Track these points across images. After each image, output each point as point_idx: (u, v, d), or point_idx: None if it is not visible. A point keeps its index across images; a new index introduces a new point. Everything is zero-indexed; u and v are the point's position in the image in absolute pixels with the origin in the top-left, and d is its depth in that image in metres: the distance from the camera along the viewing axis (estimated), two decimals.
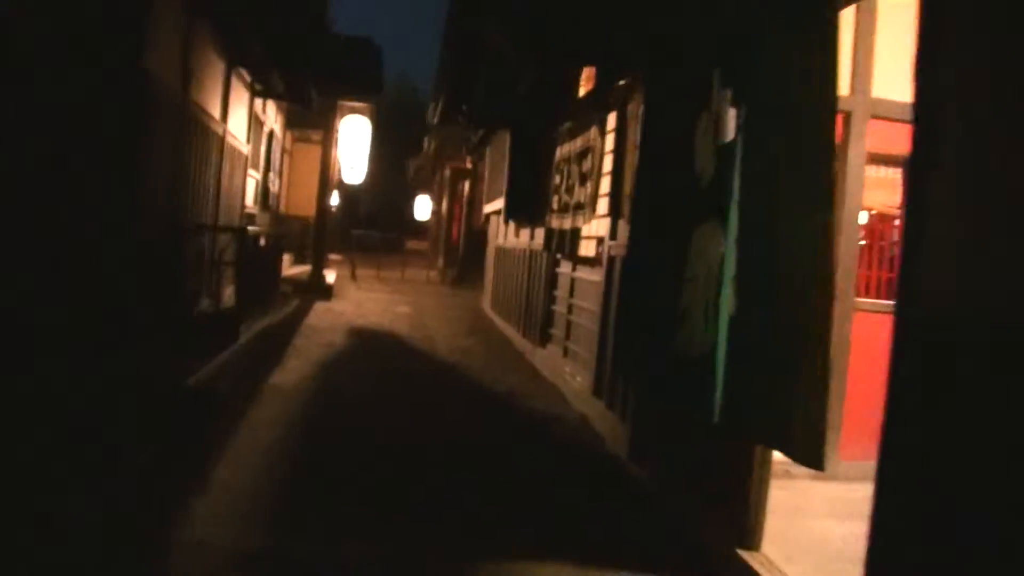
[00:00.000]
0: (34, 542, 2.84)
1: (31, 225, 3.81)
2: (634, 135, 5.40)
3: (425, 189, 26.69)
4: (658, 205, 4.02)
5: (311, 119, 15.10)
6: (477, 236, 17.74)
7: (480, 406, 6.22)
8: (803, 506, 4.04)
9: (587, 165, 6.23)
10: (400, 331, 9.78)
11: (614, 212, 5.66)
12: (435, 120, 13.33)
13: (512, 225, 10.54)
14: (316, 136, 16.12)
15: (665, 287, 3.65)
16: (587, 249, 6.39)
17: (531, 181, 8.67)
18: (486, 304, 12.71)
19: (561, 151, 7.30)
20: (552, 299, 7.75)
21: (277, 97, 12.16)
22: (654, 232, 4.02)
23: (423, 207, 26.62)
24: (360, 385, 6.47)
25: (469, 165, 18.66)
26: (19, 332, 3.61)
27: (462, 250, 18.82)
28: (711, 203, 3.29)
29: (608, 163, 5.90)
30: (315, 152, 16.16)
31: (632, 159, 5.44)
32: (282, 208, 17.94)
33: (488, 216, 11.62)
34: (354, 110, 13.48)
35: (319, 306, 11.54)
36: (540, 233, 8.30)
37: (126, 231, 4.92)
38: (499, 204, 9.72)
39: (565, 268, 7.25)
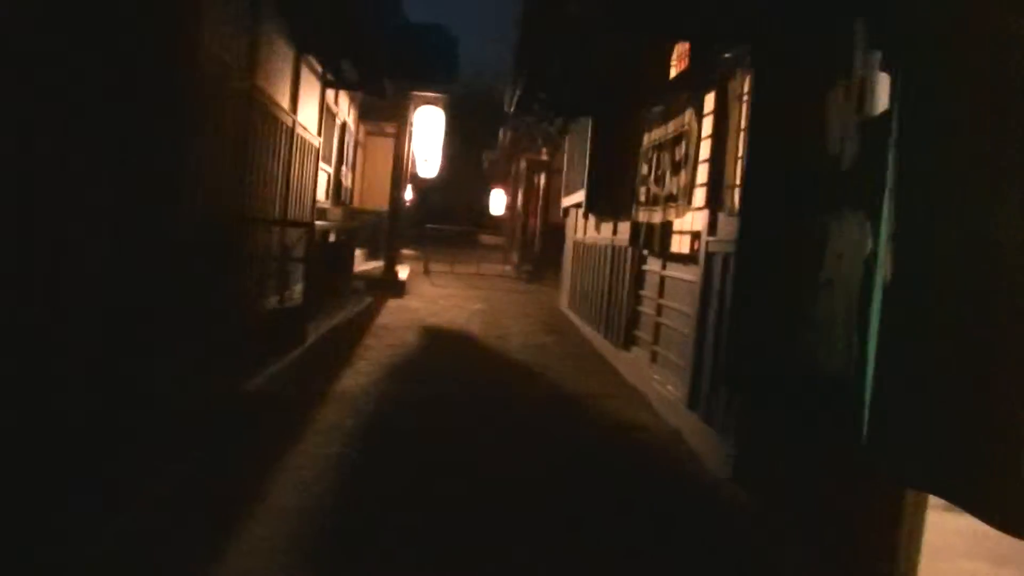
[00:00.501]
0: None
1: (70, 213, 3.45)
2: (738, 117, 4.80)
3: (500, 183, 26.25)
4: (776, 195, 3.43)
5: (384, 111, 14.83)
6: (553, 231, 17.20)
7: (560, 414, 5.70)
8: (940, 543, 3.40)
9: (680, 152, 5.64)
10: (474, 330, 9.33)
11: (713, 204, 5.07)
12: (511, 109, 12.79)
13: (592, 219, 9.98)
14: (390, 128, 15.82)
15: (791, 291, 3.07)
16: (680, 245, 5.81)
17: (614, 171, 8.11)
18: (563, 302, 12.18)
19: (649, 138, 6.72)
20: (638, 299, 7.18)
21: (349, 87, 11.86)
22: (772, 226, 3.43)
23: (498, 201, 26.19)
24: (431, 389, 6.02)
25: (545, 157, 18.12)
26: (25, 331, 3.25)
27: (538, 245, 18.31)
28: (853, 191, 2.70)
29: (705, 150, 5.31)
30: (388, 145, 15.87)
31: (735, 144, 4.85)
32: (355, 202, 17.73)
33: (567, 210, 11.08)
34: (428, 101, 13.10)
35: (392, 303, 11.19)
36: (624, 227, 7.73)
37: (172, 221, 4.55)
38: (578, 197, 9.18)
39: (653, 266, 6.67)
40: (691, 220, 5.56)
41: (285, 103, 8.50)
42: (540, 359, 7.59)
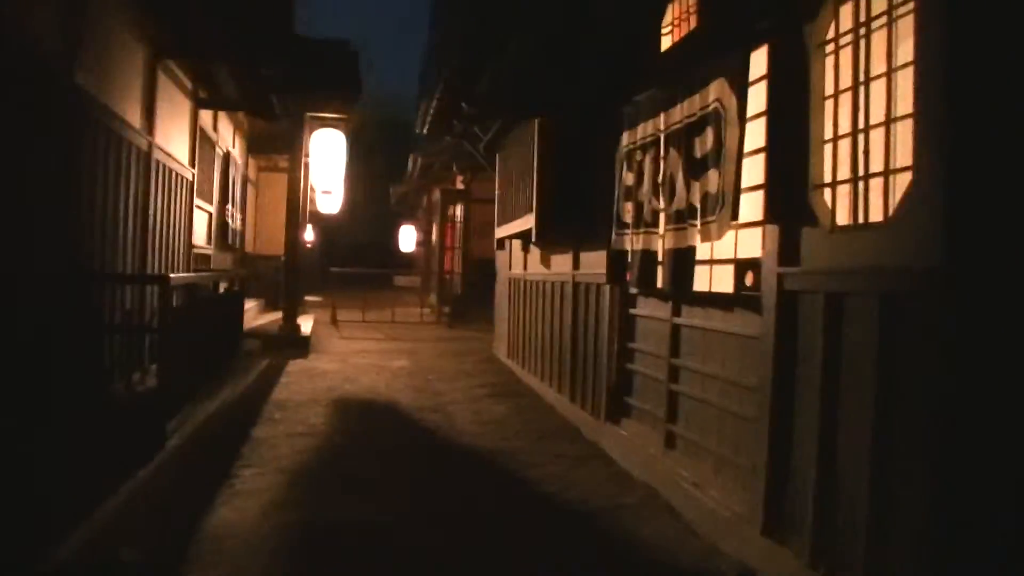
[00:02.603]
0: None
1: None
2: (828, 74, 3.04)
3: (410, 218, 24.24)
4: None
5: (278, 141, 12.70)
6: (477, 267, 15.35)
7: (555, 541, 3.76)
8: None
9: (704, 145, 3.85)
10: (402, 398, 7.31)
11: (785, 214, 3.27)
12: (424, 129, 10.92)
13: (536, 251, 8.15)
14: (285, 163, 13.68)
15: None
16: (717, 280, 4.01)
17: (575, 187, 6.29)
18: (501, 350, 10.26)
19: (633, 136, 4.93)
20: (627, 354, 5.34)
21: (228, 106, 9.76)
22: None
23: (408, 237, 24.15)
24: (353, 517, 4.00)
25: (462, 186, 16.27)
26: None
27: (459, 284, 16.38)
28: None
29: (756, 136, 3.53)
30: (284, 181, 13.73)
31: (820, 118, 3.08)
32: (249, 247, 15.49)
33: (501, 241, 9.22)
34: (326, 123, 11.09)
35: (294, 367, 9.05)
36: (593, 259, 5.92)
37: None
38: (522, 224, 7.34)
39: (654, 310, 4.85)
40: (733, 243, 3.78)
41: (135, 120, 6.40)
42: (499, 444, 5.63)
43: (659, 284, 4.50)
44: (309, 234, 20.93)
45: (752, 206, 3.53)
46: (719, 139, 3.71)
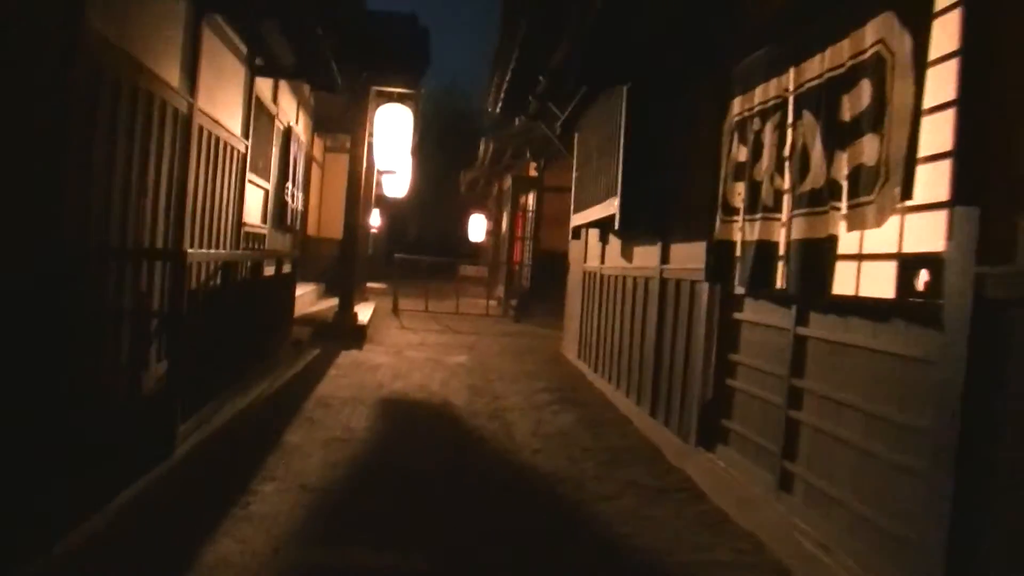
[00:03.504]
0: None
1: None
2: None
3: (480, 206, 23.48)
4: None
5: (346, 123, 12.03)
6: (547, 259, 14.48)
7: None
8: None
9: (857, 103, 2.91)
10: (457, 400, 6.51)
11: (988, 193, 2.32)
12: (496, 108, 10.07)
13: (616, 242, 7.25)
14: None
15: None
16: (868, 281, 3.06)
17: (670, 166, 5.38)
18: (570, 350, 9.38)
19: (749, 101, 4.00)
20: (727, 367, 4.42)
21: (286, 74, 9.07)
22: None
23: (478, 227, 23.40)
24: (384, 555, 3.20)
25: (535, 173, 15.41)
26: None
27: (528, 277, 15.53)
28: None
29: (938, 89, 2.58)
30: None
31: None
32: (312, 230, 14.93)
33: (577, 230, 8.34)
34: (392, 98, 10.35)
35: (345, 359, 8.34)
36: (687, 251, 5.00)
37: None
38: (602, 211, 6.45)
39: (768, 315, 3.91)
40: (894, 231, 2.83)
41: (171, 77, 5.72)
42: (564, 466, 4.76)
43: (778, 284, 3.57)
44: (375, 219, 20.38)
45: (929, 183, 2.58)
46: (880, 95, 2.76)
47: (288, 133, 10.98)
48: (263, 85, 9.01)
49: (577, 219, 7.90)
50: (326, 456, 4.54)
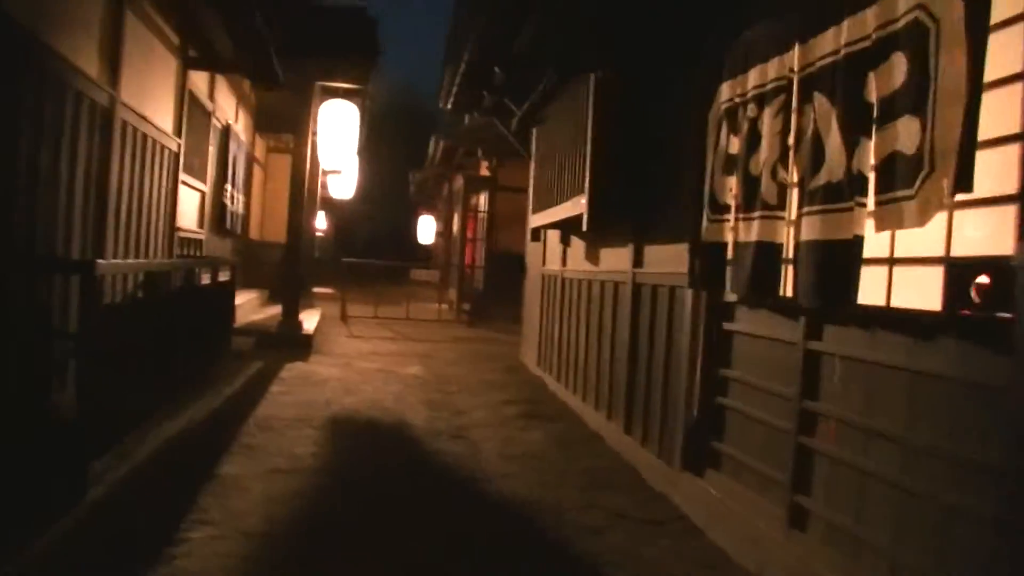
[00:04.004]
0: None
1: None
2: None
3: (430, 207, 22.89)
4: None
5: (289, 122, 11.38)
6: (502, 260, 14.02)
7: None
8: None
9: (889, 81, 2.49)
10: (415, 418, 5.99)
11: None
12: (448, 103, 9.54)
13: (579, 244, 6.81)
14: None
15: None
16: (903, 289, 2.63)
17: (644, 160, 4.95)
18: (530, 358, 8.92)
19: (741, 86, 3.58)
20: (718, 384, 3.98)
21: (222, 67, 8.46)
22: None
23: (427, 228, 22.83)
24: None
25: (487, 172, 14.93)
26: None
27: (481, 279, 15.04)
28: None
29: (1009, 52, 2.17)
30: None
31: None
32: (255, 234, 14.23)
33: (537, 231, 7.88)
34: (338, 93, 9.75)
35: (290, 371, 7.74)
36: (665, 254, 4.58)
37: None
38: (564, 211, 5.98)
39: (770, 327, 3.48)
40: (941, 231, 2.41)
41: (89, 66, 5.10)
42: (539, 493, 4.28)
43: (783, 291, 3.14)
44: (321, 221, 19.66)
45: (988, 172, 2.17)
46: (920, 70, 2.34)
47: (227, 132, 10.31)
48: (198, 79, 8.36)
49: (537, 220, 7.43)
50: (268, 490, 3.99)
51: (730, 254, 3.62)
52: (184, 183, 7.94)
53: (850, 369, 2.85)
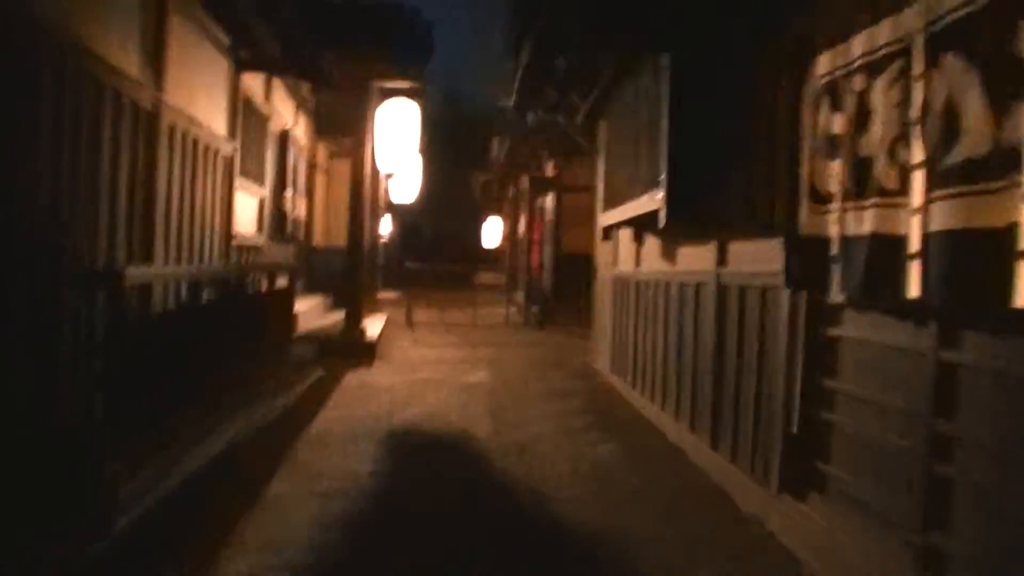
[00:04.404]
0: None
1: None
2: None
3: (495, 209, 22.55)
4: None
5: (347, 124, 11.18)
6: (569, 262, 13.56)
7: None
8: None
9: None
10: (478, 430, 5.60)
11: None
12: (512, 100, 9.17)
13: (653, 242, 6.34)
14: None
15: None
16: None
17: (725, 149, 4.45)
18: (602, 363, 8.46)
19: (843, 56, 3.08)
20: (819, 395, 3.48)
21: (273, 68, 8.21)
22: None
23: (493, 231, 22.50)
24: None
25: (553, 172, 14.49)
26: None
27: (548, 282, 14.62)
28: None
29: None
30: None
31: None
32: (318, 239, 14.09)
33: (608, 230, 7.41)
34: (396, 92, 9.45)
35: (351, 380, 7.46)
36: (753, 250, 4.09)
37: None
38: (638, 207, 5.51)
39: (887, 332, 2.95)
40: None
41: (129, 67, 4.86)
42: (612, 521, 3.84)
43: (909, 292, 2.63)
44: (386, 225, 19.51)
45: None
46: None
47: (285, 136, 10.13)
48: (252, 83, 8.16)
49: (607, 218, 6.97)
50: (318, 516, 3.65)
51: (835, 249, 3.12)
52: (240, 188, 7.73)
53: (1002, 385, 2.34)
